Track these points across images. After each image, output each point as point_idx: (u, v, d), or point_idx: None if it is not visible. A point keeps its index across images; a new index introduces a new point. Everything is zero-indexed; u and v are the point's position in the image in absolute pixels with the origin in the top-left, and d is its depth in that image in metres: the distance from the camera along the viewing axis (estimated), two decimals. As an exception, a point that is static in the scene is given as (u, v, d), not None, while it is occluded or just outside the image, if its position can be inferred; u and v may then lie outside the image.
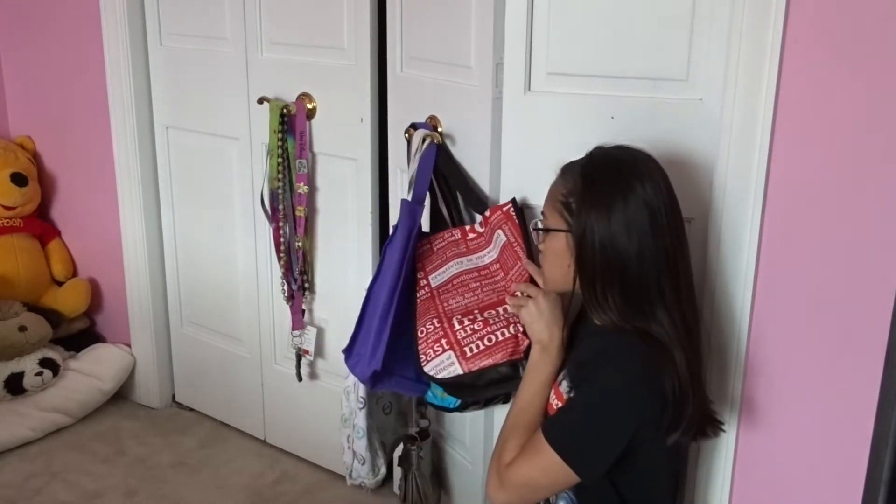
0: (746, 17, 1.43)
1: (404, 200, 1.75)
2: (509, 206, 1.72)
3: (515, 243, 1.68)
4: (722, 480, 1.64)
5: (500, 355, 1.59)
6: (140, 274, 2.67)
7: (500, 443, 1.47)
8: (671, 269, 1.34)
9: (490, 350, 1.59)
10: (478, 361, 1.59)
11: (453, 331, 1.62)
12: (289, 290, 2.28)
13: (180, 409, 2.77)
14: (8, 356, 2.55)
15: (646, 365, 1.31)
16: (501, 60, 1.71)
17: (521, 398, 1.48)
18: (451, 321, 1.63)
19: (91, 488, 2.35)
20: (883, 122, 1.35)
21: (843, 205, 1.42)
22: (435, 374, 1.60)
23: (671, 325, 1.34)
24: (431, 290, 1.74)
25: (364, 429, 1.85)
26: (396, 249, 1.71)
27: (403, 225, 1.72)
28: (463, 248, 1.79)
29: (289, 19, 2.16)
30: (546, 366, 1.47)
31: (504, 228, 1.72)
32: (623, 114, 1.61)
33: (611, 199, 1.33)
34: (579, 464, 1.33)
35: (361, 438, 1.86)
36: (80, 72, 2.64)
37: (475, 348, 1.60)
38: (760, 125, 1.45)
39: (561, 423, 1.37)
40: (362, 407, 1.82)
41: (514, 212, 1.71)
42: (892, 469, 1.41)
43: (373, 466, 1.90)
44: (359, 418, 1.84)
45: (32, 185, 2.76)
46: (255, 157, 2.31)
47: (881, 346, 1.40)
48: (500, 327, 1.61)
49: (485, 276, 1.74)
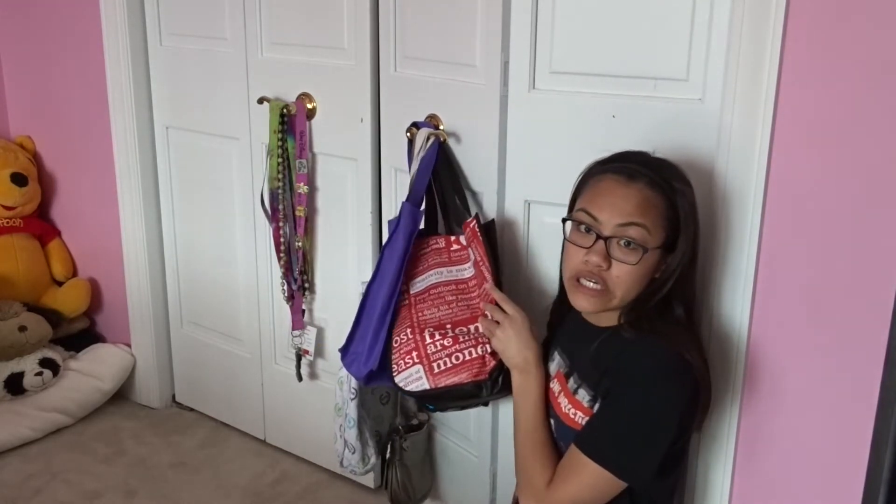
0: (746, 17, 1.43)
1: (405, 202, 1.75)
2: (473, 221, 1.73)
3: (481, 262, 1.69)
4: (722, 480, 1.64)
5: (465, 374, 1.61)
6: (140, 274, 2.67)
7: (524, 469, 1.45)
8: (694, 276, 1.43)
9: (456, 368, 1.62)
10: (444, 378, 1.62)
11: (424, 344, 1.65)
12: (289, 290, 2.28)
13: (180, 409, 2.77)
14: (8, 356, 2.55)
15: (674, 357, 1.32)
16: (508, 59, 1.71)
17: (522, 423, 1.48)
18: (423, 333, 1.66)
19: (91, 488, 2.35)
20: (883, 122, 1.35)
21: (843, 204, 1.42)
22: (404, 385, 1.64)
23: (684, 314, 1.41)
24: (410, 298, 1.75)
25: (355, 419, 1.87)
26: (396, 251, 1.71)
27: (405, 227, 1.72)
28: (445, 258, 1.80)
29: (289, 19, 2.16)
30: (531, 385, 1.48)
31: (473, 245, 1.74)
32: (624, 113, 1.61)
33: (694, 209, 1.39)
34: (631, 473, 1.31)
35: (352, 428, 1.88)
36: (80, 72, 2.64)
37: (443, 365, 1.63)
38: (760, 125, 1.45)
39: (603, 436, 1.34)
40: (354, 398, 1.85)
41: (477, 228, 1.71)
42: (892, 469, 1.41)
43: (363, 456, 1.92)
44: (350, 408, 1.86)
45: (32, 185, 2.76)
46: (255, 157, 2.31)
47: (881, 346, 1.40)
48: (469, 346, 1.62)
49: (462, 291, 1.75)
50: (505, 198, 1.80)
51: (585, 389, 1.40)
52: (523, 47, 1.69)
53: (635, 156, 1.41)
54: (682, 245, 1.36)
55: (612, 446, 1.32)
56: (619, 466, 1.31)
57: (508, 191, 1.80)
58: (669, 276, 1.37)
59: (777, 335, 1.53)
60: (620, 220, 1.33)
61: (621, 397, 1.33)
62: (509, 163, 1.78)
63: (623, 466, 1.31)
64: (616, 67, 1.62)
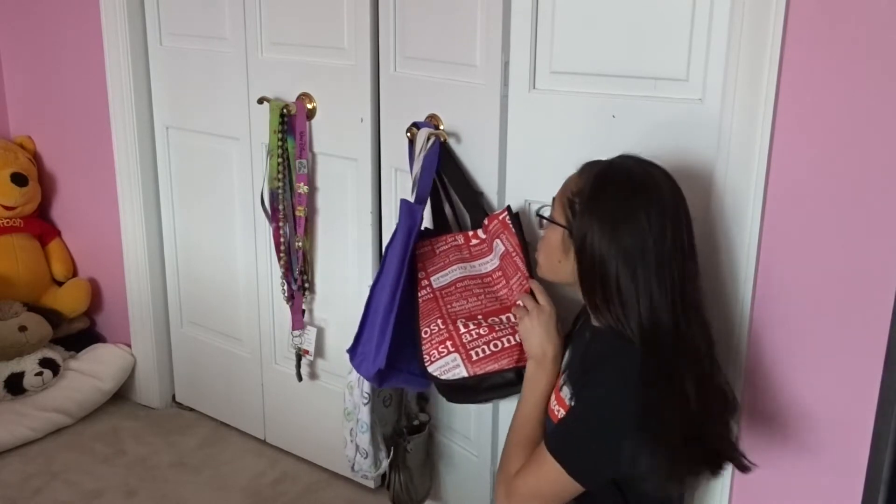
0: (746, 17, 1.43)
1: (403, 200, 1.75)
2: (505, 214, 1.72)
3: (514, 252, 1.69)
4: (722, 479, 1.64)
5: (505, 361, 1.60)
6: (140, 274, 2.67)
7: (505, 456, 1.48)
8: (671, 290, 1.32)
9: (496, 355, 1.60)
10: (483, 366, 1.60)
11: (458, 333, 1.63)
12: (289, 290, 2.28)
13: (180, 409, 2.77)
14: (8, 356, 2.55)
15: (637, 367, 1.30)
16: (509, 59, 1.71)
17: (520, 412, 1.50)
18: (456, 323, 1.63)
19: (91, 488, 2.35)
20: (883, 121, 1.35)
21: (843, 204, 1.42)
22: (439, 374, 1.61)
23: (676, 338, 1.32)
24: (434, 291, 1.74)
25: (368, 423, 1.86)
26: (397, 249, 1.71)
27: (403, 224, 1.72)
28: (466, 254, 1.79)
29: (289, 19, 2.16)
30: (541, 379, 1.50)
31: (502, 237, 1.73)
32: (624, 113, 1.61)
33: (613, 220, 1.31)
34: (578, 472, 1.33)
35: (365, 433, 1.87)
36: (80, 72, 2.64)
37: (481, 352, 1.61)
38: (760, 125, 1.46)
39: (561, 432, 1.38)
40: (367, 402, 1.83)
41: (509, 220, 1.71)
42: (892, 469, 1.41)
43: (375, 460, 1.92)
44: (363, 413, 1.84)
45: (32, 185, 2.76)
46: (255, 157, 2.31)
47: (881, 346, 1.40)
48: (506, 334, 1.61)
49: (487, 284, 1.74)
50: (505, 198, 1.80)
51: (569, 387, 1.42)
52: (523, 47, 1.69)
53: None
54: (575, 227, 1.36)
55: (567, 445, 1.34)
56: (569, 465, 1.32)
57: (508, 191, 1.80)
58: (580, 262, 1.35)
59: (777, 335, 1.53)
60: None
61: (583, 398, 1.36)
62: (509, 163, 1.78)
63: (572, 466, 1.32)
64: (616, 67, 1.62)
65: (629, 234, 1.30)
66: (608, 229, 1.31)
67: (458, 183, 1.84)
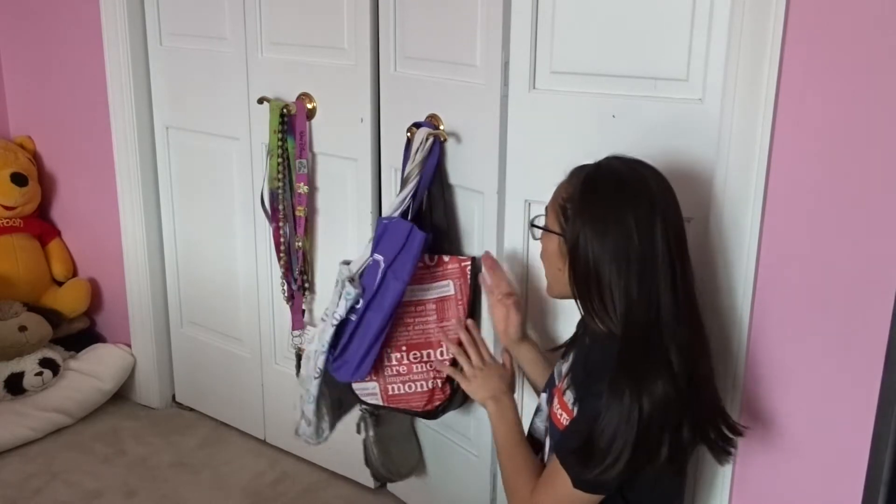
0: (746, 17, 1.43)
1: (413, 228, 1.74)
2: (468, 263, 1.80)
3: (460, 301, 1.79)
4: (722, 479, 1.64)
5: (415, 404, 1.82)
6: (140, 274, 2.67)
7: (511, 485, 1.48)
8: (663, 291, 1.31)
9: (408, 397, 1.81)
10: (396, 402, 1.83)
11: (383, 364, 1.80)
12: (289, 290, 2.28)
13: (180, 409, 2.77)
14: (8, 356, 2.55)
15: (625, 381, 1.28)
16: (509, 59, 1.71)
17: (502, 446, 1.53)
18: (387, 352, 1.80)
19: (91, 488, 2.35)
20: (883, 121, 1.35)
21: (843, 204, 1.42)
22: (359, 394, 1.85)
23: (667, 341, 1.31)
24: None
25: (315, 395, 1.90)
26: (402, 277, 1.73)
27: (412, 253, 1.73)
28: (425, 273, 1.84)
29: (289, 19, 2.16)
30: (505, 412, 1.56)
31: (456, 282, 1.81)
32: (624, 113, 1.61)
33: (604, 221, 1.31)
34: (587, 483, 1.32)
35: (311, 403, 1.92)
36: (80, 72, 2.64)
37: (397, 390, 1.82)
38: (760, 125, 1.45)
39: (565, 444, 1.36)
40: (317, 377, 1.87)
41: (469, 270, 1.80)
42: (892, 469, 1.41)
43: (317, 429, 1.97)
44: (312, 385, 1.89)
45: (32, 185, 2.76)
46: (255, 157, 2.31)
47: (881, 346, 1.40)
48: (421, 378, 1.78)
49: (419, 313, 1.83)
50: (505, 198, 1.80)
51: (572, 391, 1.41)
52: (523, 47, 1.69)
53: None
54: (568, 232, 1.35)
55: (568, 452, 1.33)
56: (578, 478, 1.32)
57: (508, 191, 1.80)
58: (574, 267, 1.35)
59: (777, 334, 1.53)
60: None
61: (584, 407, 1.36)
62: (509, 163, 1.78)
63: (580, 478, 1.32)
64: (616, 67, 1.62)
65: (620, 233, 1.29)
66: (599, 230, 1.31)
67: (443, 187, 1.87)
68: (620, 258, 1.29)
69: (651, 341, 1.30)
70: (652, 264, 1.30)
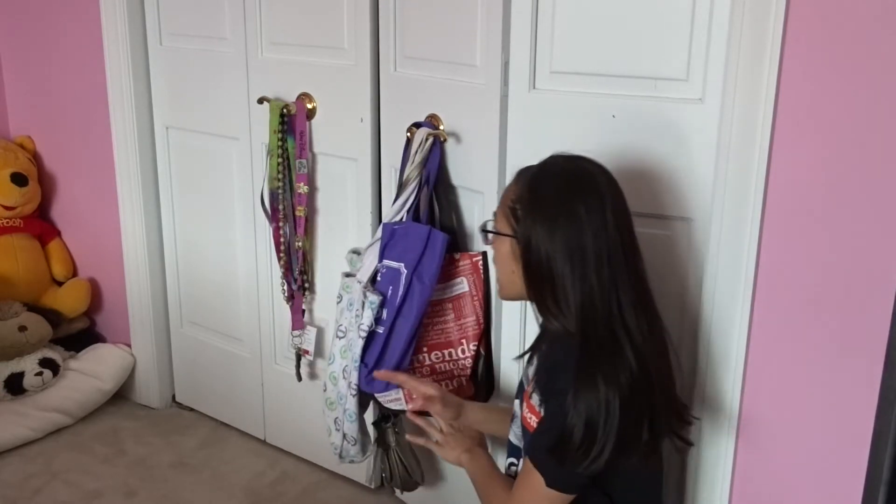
0: (746, 16, 1.43)
1: (433, 231, 1.75)
2: (479, 258, 1.79)
3: (476, 297, 1.78)
4: (722, 479, 1.64)
5: None
6: (140, 274, 2.67)
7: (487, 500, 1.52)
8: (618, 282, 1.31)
9: None
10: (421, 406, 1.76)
11: (405, 369, 1.76)
12: (289, 290, 2.28)
13: (180, 409, 2.77)
14: (8, 356, 2.55)
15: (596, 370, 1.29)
16: (509, 59, 1.71)
17: (479, 482, 1.55)
18: None
19: (91, 488, 2.35)
20: (883, 121, 1.35)
21: (843, 204, 1.42)
22: (383, 402, 1.80)
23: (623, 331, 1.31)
24: None
25: (355, 413, 1.89)
26: (427, 284, 1.73)
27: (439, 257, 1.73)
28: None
29: (289, 19, 2.16)
30: (481, 459, 1.59)
31: (469, 278, 1.80)
32: (624, 113, 1.61)
33: (554, 216, 1.31)
34: (560, 482, 1.33)
35: (353, 422, 1.90)
36: (80, 72, 2.64)
37: None
38: (760, 125, 1.46)
39: (537, 444, 1.37)
40: (355, 394, 1.86)
41: (482, 265, 1.78)
42: (892, 469, 1.41)
43: (363, 446, 1.96)
44: (350, 403, 1.88)
45: (32, 185, 2.76)
46: (255, 157, 2.31)
47: (881, 346, 1.40)
48: (446, 378, 1.76)
49: (437, 314, 1.82)
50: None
51: (537, 393, 1.41)
52: (523, 47, 1.69)
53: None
54: (520, 233, 1.35)
55: (543, 456, 1.34)
56: (549, 476, 1.33)
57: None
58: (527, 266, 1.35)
59: (777, 335, 1.53)
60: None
61: (548, 407, 1.36)
62: (509, 163, 1.77)
63: (551, 477, 1.33)
64: (616, 67, 1.62)
65: (571, 226, 1.30)
66: (550, 226, 1.31)
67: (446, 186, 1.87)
68: (574, 251, 1.29)
69: (612, 331, 1.31)
70: (605, 255, 1.30)
